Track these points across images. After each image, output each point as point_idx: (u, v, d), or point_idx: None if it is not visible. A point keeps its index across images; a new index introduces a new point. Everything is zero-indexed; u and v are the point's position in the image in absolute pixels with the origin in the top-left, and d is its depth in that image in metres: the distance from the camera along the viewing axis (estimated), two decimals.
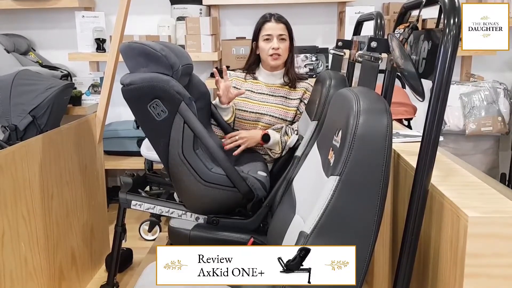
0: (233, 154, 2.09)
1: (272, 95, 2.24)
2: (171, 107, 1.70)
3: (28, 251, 1.80)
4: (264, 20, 2.22)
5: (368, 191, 1.10)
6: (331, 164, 1.17)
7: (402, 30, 1.22)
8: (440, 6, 1.05)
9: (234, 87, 2.27)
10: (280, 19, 2.20)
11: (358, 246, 1.11)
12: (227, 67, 3.29)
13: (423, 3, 1.16)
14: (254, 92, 2.25)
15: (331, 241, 1.11)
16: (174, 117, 1.71)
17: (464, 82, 3.46)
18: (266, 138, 2.11)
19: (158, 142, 1.76)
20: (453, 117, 3.37)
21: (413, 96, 1.17)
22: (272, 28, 2.19)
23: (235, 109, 2.23)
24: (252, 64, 2.29)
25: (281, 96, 2.24)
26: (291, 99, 2.23)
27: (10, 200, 1.70)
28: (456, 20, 1.01)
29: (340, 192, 1.10)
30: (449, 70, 1.02)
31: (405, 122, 3.15)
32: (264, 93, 2.25)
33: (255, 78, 2.30)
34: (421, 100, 1.13)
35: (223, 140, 2.15)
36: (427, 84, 1.09)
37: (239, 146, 2.11)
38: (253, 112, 2.22)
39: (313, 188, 1.29)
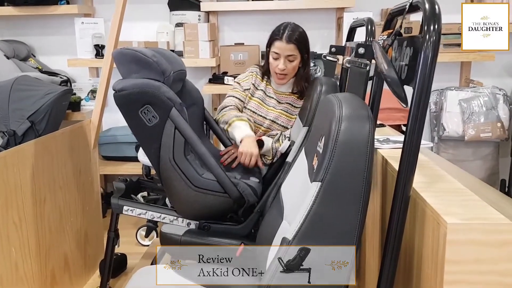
0: (231, 167, 2.10)
1: (279, 102, 2.23)
2: (162, 113, 1.71)
3: (19, 256, 1.81)
4: (276, 36, 2.14)
5: (349, 197, 1.10)
6: (314, 170, 1.17)
7: (386, 36, 1.22)
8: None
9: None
10: (290, 39, 2.09)
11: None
12: (225, 73, 3.34)
13: (406, 10, 1.16)
14: (266, 94, 2.25)
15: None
16: (165, 123, 1.72)
17: (463, 87, 3.45)
18: (259, 143, 2.12)
19: (149, 147, 1.77)
20: (452, 123, 3.36)
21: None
22: (281, 48, 2.11)
23: (246, 108, 2.24)
24: (267, 70, 2.26)
25: (287, 103, 2.23)
26: (296, 107, 2.23)
27: (1, 205, 1.70)
28: (436, 26, 1.01)
29: (321, 198, 1.11)
30: (429, 76, 1.02)
31: (403, 128, 3.14)
32: (273, 98, 2.24)
33: (268, 81, 2.28)
34: (404, 106, 1.13)
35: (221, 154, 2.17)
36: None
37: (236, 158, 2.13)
38: (260, 116, 2.22)
39: (299, 194, 1.30)
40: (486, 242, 0.95)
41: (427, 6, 1.03)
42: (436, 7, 1.03)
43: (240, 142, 2.04)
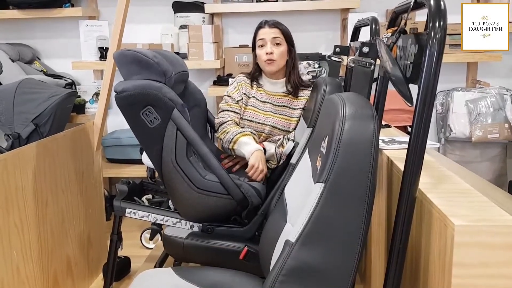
0: (232, 170, 2.08)
1: (275, 105, 2.20)
2: (163, 114, 1.70)
3: (21, 260, 1.79)
4: (258, 26, 2.18)
5: (353, 198, 1.08)
6: (318, 171, 1.14)
7: (390, 34, 1.19)
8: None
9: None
10: (274, 24, 2.15)
11: (344, 255, 1.09)
12: (230, 75, 3.32)
13: (411, 7, 1.13)
14: (258, 100, 2.22)
15: (317, 250, 1.09)
16: (166, 124, 1.70)
17: (470, 88, 3.41)
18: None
19: (151, 149, 1.76)
20: (459, 124, 3.32)
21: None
22: (265, 33, 2.14)
23: (243, 119, 2.21)
24: (255, 72, 2.25)
25: (284, 106, 2.20)
26: (294, 109, 2.19)
27: (1, 208, 1.69)
28: (442, 23, 0.98)
29: (325, 199, 1.08)
30: (435, 74, 0.99)
31: (410, 129, 3.11)
32: (267, 102, 2.21)
33: (259, 85, 2.26)
34: (409, 105, 1.11)
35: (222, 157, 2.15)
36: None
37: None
38: (259, 123, 2.18)
39: (303, 196, 1.27)
40: (494, 245, 0.92)
41: (432, 2, 1.01)
42: (442, 3, 1.00)
43: (251, 155, 2.01)
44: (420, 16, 3.21)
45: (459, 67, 3.46)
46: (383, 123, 2.10)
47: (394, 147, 1.57)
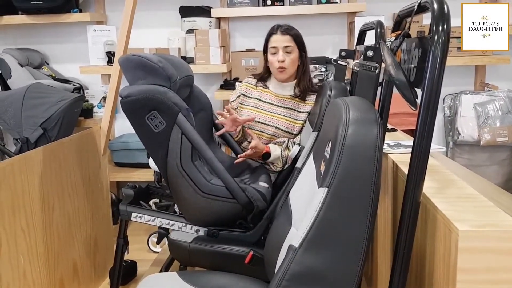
0: (235, 162, 2.09)
1: (281, 106, 2.20)
2: (168, 119, 1.70)
3: (27, 264, 1.80)
4: (271, 32, 2.18)
5: (357, 203, 1.07)
6: (322, 175, 1.14)
7: (394, 38, 1.19)
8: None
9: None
10: (286, 31, 2.14)
11: (348, 259, 1.08)
12: (236, 79, 3.32)
13: (415, 11, 1.13)
14: (262, 100, 2.22)
15: (320, 254, 1.09)
16: (172, 128, 1.71)
17: (478, 91, 3.39)
18: (266, 156, 2.11)
19: (156, 153, 1.76)
20: (467, 127, 3.30)
21: None
22: (278, 40, 2.13)
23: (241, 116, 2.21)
24: (264, 74, 2.27)
25: (289, 108, 2.19)
26: (300, 112, 2.19)
27: (8, 212, 1.70)
28: (445, 26, 0.98)
29: (328, 204, 1.08)
30: (438, 78, 0.98)
31: None
32: (272, 103, 2.21)
33: (265, 86, 2.27)
34: (413, 109, 1.10)
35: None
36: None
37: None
38: (259, 122, 2.18)
39: (307, 200, 1.27)
40: (499, 250, 0.91)
41: (435, 6, 1.01)
42: (445, 7, 1.00)
43: None
44: (428, 19, 3.20)
45: (467, 70, 3.44)
46: (389, 126, 2.09)
47: (399, 151, 1.56)
